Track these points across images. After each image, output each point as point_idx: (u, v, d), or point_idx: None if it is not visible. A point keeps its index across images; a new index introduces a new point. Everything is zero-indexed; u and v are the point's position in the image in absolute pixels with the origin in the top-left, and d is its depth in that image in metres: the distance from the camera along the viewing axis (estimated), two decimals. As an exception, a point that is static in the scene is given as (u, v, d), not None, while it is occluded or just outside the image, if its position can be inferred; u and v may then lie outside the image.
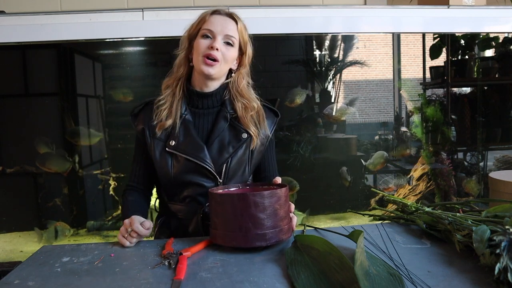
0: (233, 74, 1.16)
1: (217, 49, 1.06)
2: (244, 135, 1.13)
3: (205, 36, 1.08)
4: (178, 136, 1.11)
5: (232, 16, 1.11)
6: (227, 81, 1.16)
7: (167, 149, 1.11)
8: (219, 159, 1.11)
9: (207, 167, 1.09)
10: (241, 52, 1.15)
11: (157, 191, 1.25)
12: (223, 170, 1.11)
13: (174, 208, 1.17)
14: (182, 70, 1.13)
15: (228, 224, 0.91)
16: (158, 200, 1.27)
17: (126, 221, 1.01)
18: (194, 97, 1.14)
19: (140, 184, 1.20)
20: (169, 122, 1.11)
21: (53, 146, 2.68)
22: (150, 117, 1.14)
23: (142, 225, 1.00)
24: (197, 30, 1.10)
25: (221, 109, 1.15)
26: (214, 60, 1.07)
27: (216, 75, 1.10)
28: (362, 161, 3.08)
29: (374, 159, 3.04)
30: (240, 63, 1.17)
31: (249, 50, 1.16)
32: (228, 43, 1.09)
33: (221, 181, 1.11)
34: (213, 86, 1.14)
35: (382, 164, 3.02)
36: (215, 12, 1.10)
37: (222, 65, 1.10)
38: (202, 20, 1.10)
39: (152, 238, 1.18)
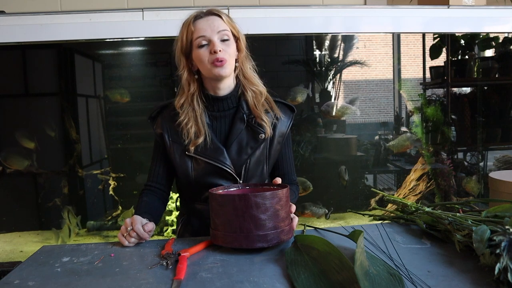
0: (236, 64, 1.16)
1: (220, 51, 1.06)
2: (262, 136, 1.14)
3: (202, 45, 1.08)
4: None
5: (213, 13, 1.10)
6: (236, 74, 1.17)
7: (187, 152, 1.11)
8: (238, 160, 1.12)
9: (227, 169, 1.11)
10: (236, 39, 1.15)
11: (178, 191, 1.26)
12: (243, 171, 1.13)
13: (197, 207, 1.18)
14: (193, 86, 1.13)
15: (229, 225, 0.90)
16: (179, 200, 1.27)
17: (127, 220, 1.01)
18: (209, 101, 1.15)
19: (159, 184, 1.20)
20: (201, 139, 1.11)
21: (35, 138, 2.74)
22: (169, 121, 1.14)
23: (144, 226, 0.99)
24: (190, 43, 1.10)
25: (237, 111, 1.16)
26: (222, 61, 1.07)
27: (229, 73, 1.10)
28: (382, 143, 3.07)
29: (398, 141, 3.02)
30: (237, 49, 1.16)
31: (241, 35, 1.16)
32: (224, 40, 1.09)
33: (241, 181, 1.13)
34: (226, 87, 1.14)
35: (406, 147, 3.01)
36: (197, 18, 1.09)
37: (230, 61, 1.10)
38: (189, 31, 1.09)
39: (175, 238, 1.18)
